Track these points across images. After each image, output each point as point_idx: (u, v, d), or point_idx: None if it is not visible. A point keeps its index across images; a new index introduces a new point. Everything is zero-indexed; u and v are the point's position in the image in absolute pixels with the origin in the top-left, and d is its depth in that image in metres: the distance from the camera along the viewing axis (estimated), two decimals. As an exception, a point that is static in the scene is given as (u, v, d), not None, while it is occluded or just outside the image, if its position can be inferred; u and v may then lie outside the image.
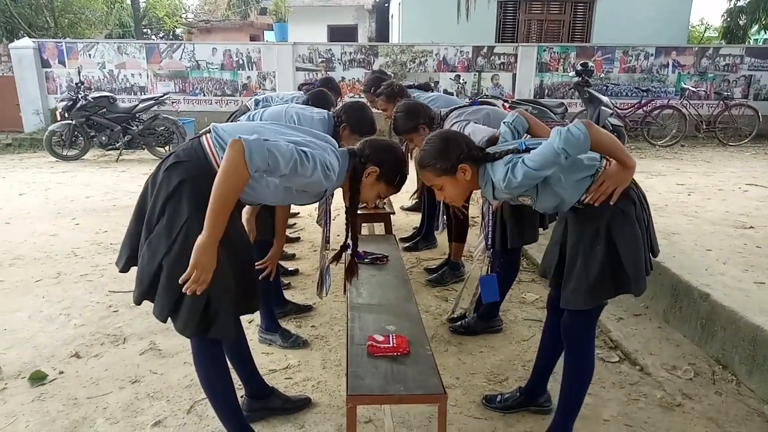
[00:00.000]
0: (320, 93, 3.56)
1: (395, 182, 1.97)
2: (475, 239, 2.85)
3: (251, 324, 3.01)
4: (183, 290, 1.66)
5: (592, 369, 1.99)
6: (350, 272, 2.22)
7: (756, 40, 16.12)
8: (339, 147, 3.09)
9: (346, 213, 2.06)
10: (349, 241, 2.12)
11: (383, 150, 1.94)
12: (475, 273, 3.54)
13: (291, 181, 1.72)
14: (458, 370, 2.62)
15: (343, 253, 2.21)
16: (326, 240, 2.40)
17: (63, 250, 4.29)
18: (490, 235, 2.58)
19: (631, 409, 2.32)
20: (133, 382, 2.50)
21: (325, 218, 2.67)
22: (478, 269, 2.59)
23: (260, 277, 2.51)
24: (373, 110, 3.13)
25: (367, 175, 1.90)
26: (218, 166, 1.68)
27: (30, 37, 11.22)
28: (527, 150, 1.74)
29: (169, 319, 1.78)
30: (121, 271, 1.87)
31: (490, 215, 2.58)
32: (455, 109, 2.94)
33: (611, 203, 1.75)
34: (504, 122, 2.03)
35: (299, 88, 4.22)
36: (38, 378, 2.50)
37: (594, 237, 1.79)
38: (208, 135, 1.78)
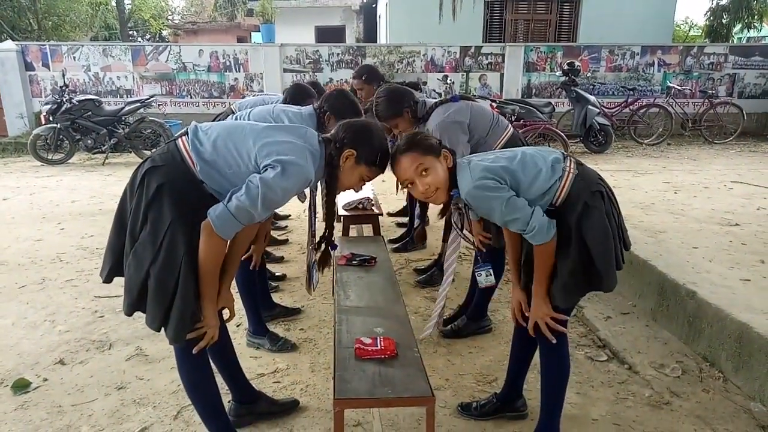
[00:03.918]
0: (297, 86, 3.54)
1: (377, 161, 1.89)
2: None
3: (239, 328, 2.99)
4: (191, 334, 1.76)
5: (568, 364, 1.99)
6: (323, 262, 2.14)
7: (739, 38, 16.32)
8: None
9: (323, 202, 1.98)
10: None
11: (358, 130, 1.87)
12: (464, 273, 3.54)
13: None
14: (447, 372, 2.62)
15: (323, 244, 2.11)
16: (312, 234, 2.36)
17: (48, 255, 4.24)
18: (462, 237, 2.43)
19: (619, 408, 2.33)
20: (118, 389, 2.47)
21: (310, 212, 2.61)
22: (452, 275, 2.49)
23: (250, 267, 2.64)
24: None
25: (345, 159, 1.84)
26: (194, 168, 1.69)
27: (13, 40, 11.09)
28: None
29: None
30: (104, 282, 1.83)
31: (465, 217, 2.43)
32: (441, 103, 2.88)
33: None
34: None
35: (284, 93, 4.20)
36: (21, 386, 2.46)
37: (566, 235, 1.79)
38: (184, 137, 1.75)
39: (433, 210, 3.45)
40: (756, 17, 13.18)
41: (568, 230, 1.78)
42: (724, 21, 13.34)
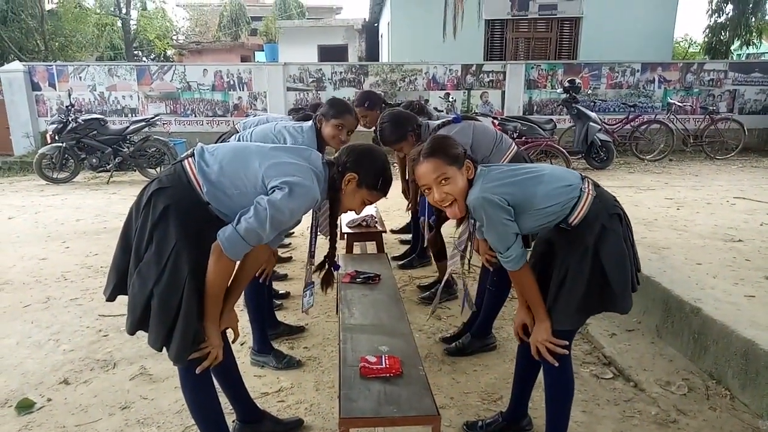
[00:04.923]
0: (308, 117, 3.58)
1: (378, 186, 1.92)
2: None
3: (243, 347, 2.98)
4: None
5: (572, 383, 1.99)
6: (326, 282, 2.17)
7: (738, 55, 16.42)
8: (323, 145, 2.99)
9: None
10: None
11: (361, 155, 1.91)
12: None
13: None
14: (452, 390, 2.61)
15: (326, 264, 2.16)
16: (311, 255, 2.38)
17: (52, 274, 4.25)
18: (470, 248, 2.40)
19: (625, 427, 2.31)
20: (123, 409, 2.46)
21: (311, 232, 2.63)
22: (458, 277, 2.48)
23: (261, 280, 2.64)
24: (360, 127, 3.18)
25: (347, 182, 1.88)
26: (200, 189, 1.72)
27: (20, 61, 11.24)
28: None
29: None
30: (108, 300, 1.85)
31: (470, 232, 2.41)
32: (443, 125, 2.93)
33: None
34: None
35: (289, 113, 4.24)
36: (25, 406, 2.46)
37: (582, 256, 1.79)
38: (190, 159, 1.78)
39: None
40: (755, 34, 13.28)
41: (584, 251, 1.78)
42: (722, 38, 13.45)
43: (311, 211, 2.18)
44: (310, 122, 2.92)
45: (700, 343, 2.75)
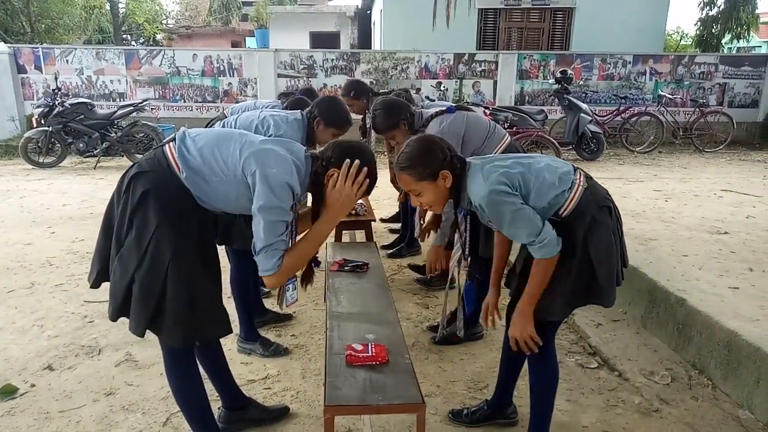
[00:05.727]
0: (299, 100, 3.53)
1: None
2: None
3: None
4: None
5: (557, 372, 2.00)
6: (306, 279, 2.12)
7: (729, 48, 16.50)
8: (314, 144, 2.96)
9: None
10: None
11: (346, 151, 1.83)
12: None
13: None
14: (438, 378, 2.62)
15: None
16: None
17: (37, 259, 4.20)
18: (467, 244, 2.51)
19: (609, 416, 2.33)
20: (107, 395, 2.45)
21: (291, 227, 2.60)
22: (456, 278, 2.54)
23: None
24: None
25: (330, 178, 1.84)
26: (180, 174, 1.69)
27: (5, 43, 11.03)
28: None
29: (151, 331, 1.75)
30: (92, 287, 1.83)
31: (467, 224, 2.50)
32: (437, 114, 2.91)
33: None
34: None
35: (279, 98, 4.20)
36: (9, 392, 2.44)
37: (571, 248, 1.78)
38: (171, 144, 1.75)
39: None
40: (744, 27, 13.33)
41: (574, 243, 1.78)
42: (714, 31, 13.49)
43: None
44: (299, 113, 2.88)
45: (684, 334, 2.78)
